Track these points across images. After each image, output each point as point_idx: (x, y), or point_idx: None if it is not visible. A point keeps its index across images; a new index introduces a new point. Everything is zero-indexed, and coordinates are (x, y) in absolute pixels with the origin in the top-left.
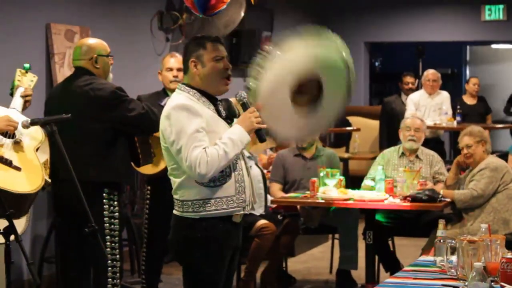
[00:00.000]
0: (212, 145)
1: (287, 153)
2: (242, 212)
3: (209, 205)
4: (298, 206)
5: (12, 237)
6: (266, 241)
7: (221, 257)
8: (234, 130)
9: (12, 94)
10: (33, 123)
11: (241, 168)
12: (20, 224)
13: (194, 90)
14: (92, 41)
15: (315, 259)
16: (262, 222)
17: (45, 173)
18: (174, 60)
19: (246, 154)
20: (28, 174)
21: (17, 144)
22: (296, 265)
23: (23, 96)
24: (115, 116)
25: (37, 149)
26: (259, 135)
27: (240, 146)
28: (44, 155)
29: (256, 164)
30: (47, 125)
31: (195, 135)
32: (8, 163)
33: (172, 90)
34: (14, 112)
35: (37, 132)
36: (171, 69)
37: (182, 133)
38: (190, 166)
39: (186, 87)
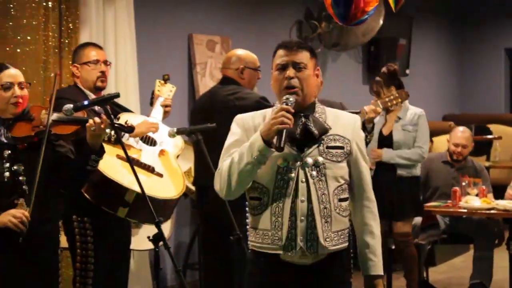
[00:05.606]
0: None
1: (436, 157)
2: (288, 253)
3: (251, 235)
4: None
5: (160, 243)
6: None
7: None
8: (253, 137)
9: (151, 104)
10: (179, 132)
11: (284, 199)
12: (165, 231)
13: None
14: (242, 52)
15: (457, 269)
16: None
17: (188, 181)
18: None
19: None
20: (170, 180)
21: (159, 152)
22: (437, 275)
23: (163, 106)
24: None
25: (177, 157)
26: (278, 140)
27: (250, 152)
28: (188, 163)
29: None
30: (193, 134)
31: (228, 149)
32: (151, 169)
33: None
34: (155, 121)
35: (178, 140)
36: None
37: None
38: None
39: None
